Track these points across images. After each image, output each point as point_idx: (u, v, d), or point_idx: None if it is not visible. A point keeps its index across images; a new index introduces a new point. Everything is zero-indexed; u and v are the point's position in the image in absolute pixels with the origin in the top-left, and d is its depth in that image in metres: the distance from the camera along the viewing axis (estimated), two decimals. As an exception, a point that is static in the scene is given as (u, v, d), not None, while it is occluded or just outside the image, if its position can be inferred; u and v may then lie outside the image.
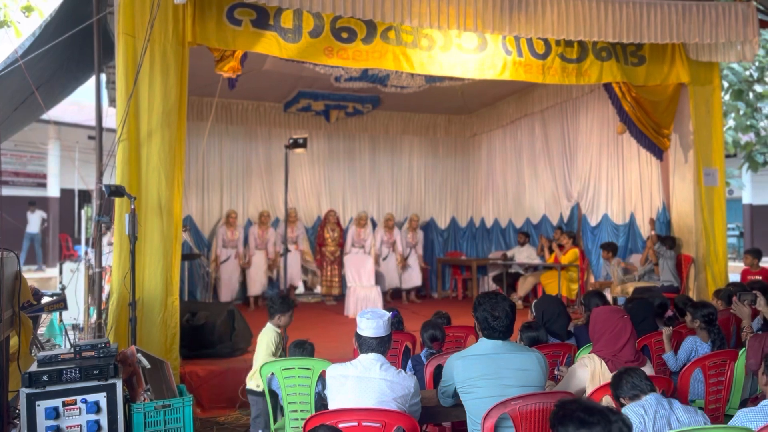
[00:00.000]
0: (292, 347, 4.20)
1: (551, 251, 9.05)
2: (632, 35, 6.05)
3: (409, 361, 4.16)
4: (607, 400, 3.06)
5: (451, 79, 7.79)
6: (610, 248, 8.21)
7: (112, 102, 8.09)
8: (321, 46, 5.83)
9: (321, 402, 3.55)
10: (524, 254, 9.79)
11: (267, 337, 4.38)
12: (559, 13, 5.79)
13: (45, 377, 3.33)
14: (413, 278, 10.40)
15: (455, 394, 3.13)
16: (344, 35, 5.87)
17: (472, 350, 3.05)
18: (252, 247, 9.63)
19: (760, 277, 7.21)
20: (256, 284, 9.58)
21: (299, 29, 5.73)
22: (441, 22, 5.46)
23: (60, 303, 5.15)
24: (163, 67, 5.08)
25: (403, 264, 10.29)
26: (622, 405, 2.82)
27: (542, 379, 2.97)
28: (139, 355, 3.82)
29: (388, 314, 3.05)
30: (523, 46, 6.50)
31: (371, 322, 2.97)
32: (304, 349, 4.09)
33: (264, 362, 3.91)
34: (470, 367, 2.92)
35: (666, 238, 7.50)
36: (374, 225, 10.70)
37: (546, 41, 6.49)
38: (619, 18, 5.98)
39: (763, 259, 8.06)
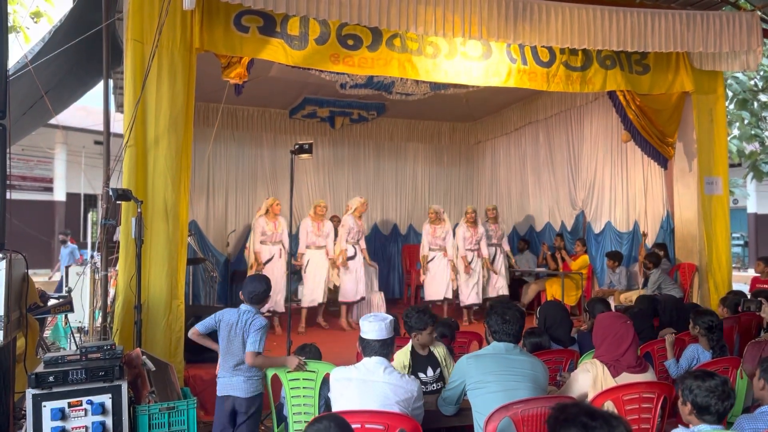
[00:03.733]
0: (297, 350, 4.22)
1: (562, 259, 9.03)
2: (636, 44, 6.08)
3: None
4: (609, 406, 3.07)
5: (455, 86, 7.83)
6: (616, 257, 8.21)
7: (120, 107, 8.16)
8: (327, 53, 5.87)
9: (328, 407, 3.57)
10: (523, 261, 9.81)
11: (395, 361, 3.85)
12: (563, 21, 5.83)
13: (51, 378, 3.36)
14: (499, 288, 8.52)
15: (458, 400, 3.17)
16: (350, 42, 5.92)
17: (483, 351, 3.25)
18: (303, 245, 7.84)
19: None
20: (314, 292, 7.76)
21: (305, 36, 5.78)
22: (446, 29, 5.50)
23: (66, 305, 5.18)
24: (170, 73, 5.13)
25: (491, 270, 8.53)
26: None
27: (546, 385, 3.14)
28: (144, 357, 3.86)
29: (390, 317, 3.10)
30: (528, 54, 6.54)
31: (374, 324, 3.01)
32: (308, 351, 4.11)
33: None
34: (482, 365, 3.06)
35: (646, 256, 7.45)
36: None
37: (550, 49, 6.53)
38: (623, 26, 6.02)
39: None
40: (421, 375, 3.79)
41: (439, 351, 3.93)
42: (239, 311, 3.93)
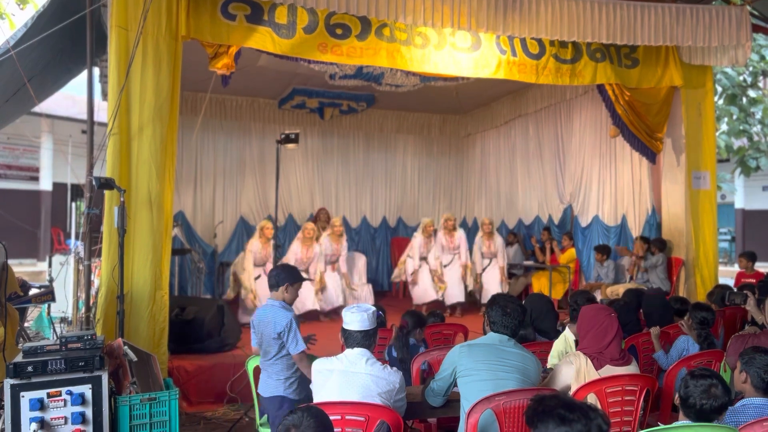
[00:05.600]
0: None
1: (551, 251, 9.09)
2: (626, 37, 6.06)
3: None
4: (591, 398, 3.07)
5: (445, 79, 7.79)
6: (604, 251, 8.23)
7: (105, 96, 8.05)
8: (315, 42, 5.82)
9: (310, 398, 3.55)
10: (512, 254, 9.82)
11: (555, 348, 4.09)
12: (553, 13, 5.80)
13: (30, 368, 3.31)
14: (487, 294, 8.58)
15: (447, 391, 3.15)
16: (339, 31, 5.87)
17: (478, 340, 3.25)
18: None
19: (754, 281, 7.22)
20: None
21: (293, 25, 5.72)
22: (435, 20, 5.46)
23: (48, 295, 5.13)
24: (155, 61, 5.06)
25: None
26: None
27: (537, 379, 3.12)
28: (125, 347, 3.81)
29: (372, 308, 3.08)
30: (517, 46, 6.51)
31: (356, 315, 2.99)
32: None
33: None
34: (475, 353, 3.06)
35: (653, 240, 7.51)
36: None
37: (540, 41, 6.50)
38: (613, 19, 6.00)
39: (758, 263, 8.07)
40: None
41: None
42: (265, 305, 3.76)
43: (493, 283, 8.65)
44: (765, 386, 2.88)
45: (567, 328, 4.13)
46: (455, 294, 8.54)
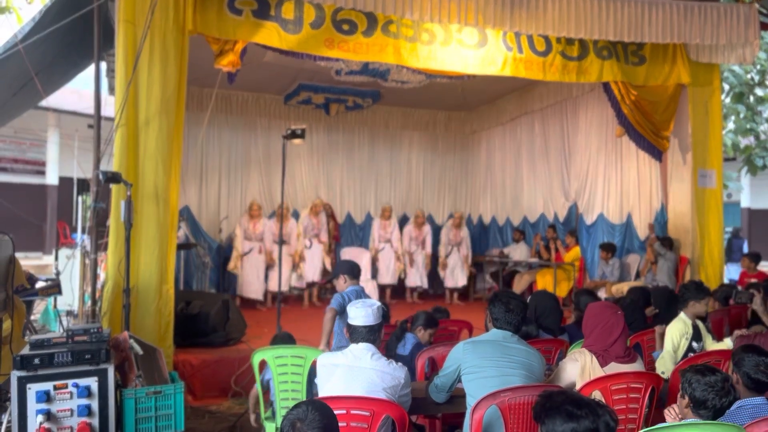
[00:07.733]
0: (270, 341, 4.23)
1: (556, 250, 9.09)
2: (633, 34, 6.04)
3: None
4: (596, 395, 3.07)
5: (451, 76, 7.78)
6: (609, 249, 8.21)
7: (112, 90, 8.08)
8: (322, 38, 5.82)
9: (315, 393, 3.56)
10: (518, 251, 9.82)
11: (675, 328, 4.28)
12: (560, 10, 5.78)
13: (37, 360, 3.33)
14: (456, 279, 10.12)
15: (451, 387, 3.16)
16: (345, 27, 5.87)
17: (482, 337, 3.24)
18: (270, 242, 9.00)
19: (757, 281, 7.21)
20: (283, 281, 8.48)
21: (300, 20, 5.72)
22: (442, 16, 5.45)
23: (54, 288, 5.14)
24: (162, 55, 5.08)
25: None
26: None
27: (541, 375, 3.13)
28: (131, 341, 3.83)
29: (377, 303, 3.08)
30: (524, 43, 6.50)
31: (361, 310, 2.99)
32: (282, 340, 4.11)
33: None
34: (480, 350, 3.06)
35: (665, 238, 7.51)
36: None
37: (546, 38, 6.49)
38: (620, 17, 5.98)
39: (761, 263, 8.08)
40: (694, 344, 4.19)
41: (701, 325, 4.36)
42: (357, 290, 4.31)
43: (456, 268, 10.01)
44: (755, 385, 2.87)
45: (682, 312, 4.33)
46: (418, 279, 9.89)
